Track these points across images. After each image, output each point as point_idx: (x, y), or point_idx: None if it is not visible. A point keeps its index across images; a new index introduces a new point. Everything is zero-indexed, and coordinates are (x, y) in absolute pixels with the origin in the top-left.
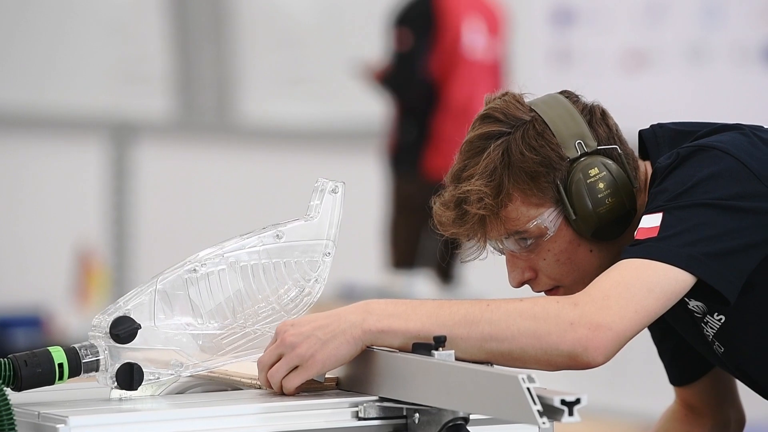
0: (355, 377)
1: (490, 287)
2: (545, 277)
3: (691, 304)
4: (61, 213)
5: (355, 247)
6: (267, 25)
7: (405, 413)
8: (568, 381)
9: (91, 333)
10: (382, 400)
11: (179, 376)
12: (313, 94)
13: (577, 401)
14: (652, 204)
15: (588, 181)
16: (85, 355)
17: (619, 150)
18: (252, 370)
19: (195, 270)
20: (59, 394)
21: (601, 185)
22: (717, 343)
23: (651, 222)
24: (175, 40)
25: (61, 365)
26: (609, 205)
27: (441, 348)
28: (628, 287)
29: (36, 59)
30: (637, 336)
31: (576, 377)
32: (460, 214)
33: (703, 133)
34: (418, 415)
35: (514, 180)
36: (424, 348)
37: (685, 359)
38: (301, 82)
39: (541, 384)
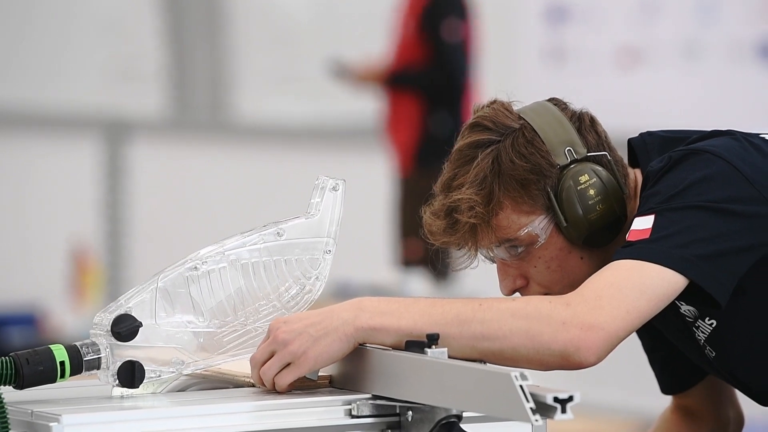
0: (348, 375)
1: (485, 286)
2: (536, 284)
3: (683, 308)
4: (56, 211)
5: (350, 245)
6: (261, 23)
7: (398, 411)
8: (562, 378)
9: (92, 331)
10: (375, 397)
11: (180, 374)
12: (307, 92)
13: (570, 398)
14: (644, 206)
15: (578, 187)
16: (87, 353)
17: (608, 157)
18: (245, 367)
19: (196, 268)
20: (61, 392)
21: (591, 192)
22: (708, 348)
23: (643, 224)
24: (170, 37)
25: (62, 363)
26: (600, 211)
27: (434, 346)
28: (621, 288)
29: (30, 57)
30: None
31: (569, 374)
32: (451, 223)
33: (695, 139)
34: (411, 412)
35: (505, 188)
36: (417, 346)
37: (676, 369)
38: (296, 80)
39: (534, 381)
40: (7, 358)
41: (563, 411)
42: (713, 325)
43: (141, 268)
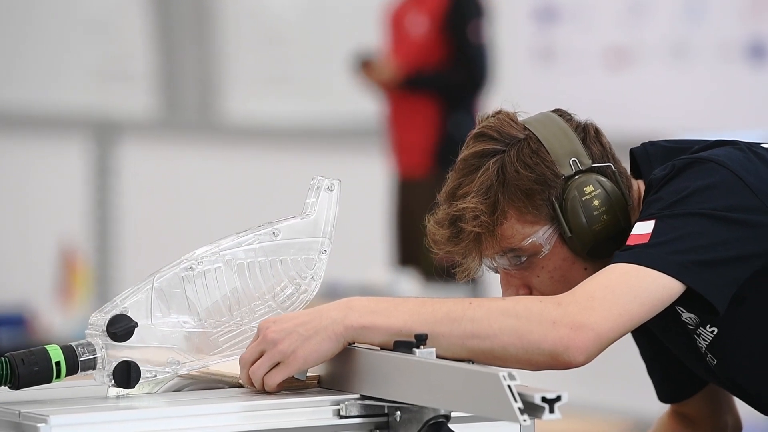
0: (337, 375)
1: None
2: (539, 294)
3: (684, 316)
4: (45, 211)
5: (340, 245)
6: (251, 23)
7: (386, 411)
8: (551, 378)
9: (87, 331)
10: (364, 398)
11: (176, 374)
12: (297, 92)
13: (558, 398)
14: (646, 212)
15: (583, 198)
16: (82, 353)
17: (613, 168)
18: (234, 368)
19: (191, 268)
20: (56, 392)
21: (596, 203)
22: (710, 355)
23: (643, 229)
24: (158, 37)
25: (58, 363)
26: (604, 222)
27: (422, 346)
28: (614, 290)
29: (18, 58)
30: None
31: (561, 374)
32: (455, 232)
33: (698, 149)
34: (399, 413)
35: (510, 198)
36: (405, 346)
37: (675, 378)
38: (285, 80)
39: (523, 381)
40: (2, 358)
41: (551, 411)
42: (714, 333)
43: (130, 268)
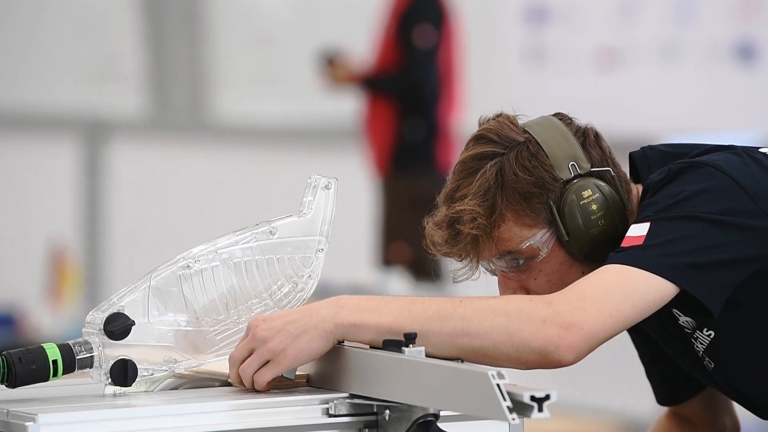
0: (326, 374)
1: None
2: None
3: (681, 320)
4: (34, 211)
5: (330, 245)
6: (241, 23)
7: (375, 410)
8: (540, 377)
9: (85, 329)
10: (353, 396)
11: (173, 372)
12: (287, 92)
13: (547, 397)
14: (641, 215)
15: (581, 202)
16: (79, 352)
17: (612, 172)
18: (224, 367)
19: (188, 266)
20: (53, 390)
21: (594, 207)
22: (707, 359)
23: (638, 231)
24: (149, 37)
25: (55, 362)
26: (602, 226)
27: (411, 345)
28: (606, 291)
29: (8, 57)
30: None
31: (549, 373)
32: (453, 233)
33: (696, 153)
34: (388, 411)
35: (508, 200)
36: (394, 345)
37: (674, 381)
38: (276, 80)
39: (512, 380)
40: None
41: (540, 410)
42: (711, 336)
43: (119, 268)
